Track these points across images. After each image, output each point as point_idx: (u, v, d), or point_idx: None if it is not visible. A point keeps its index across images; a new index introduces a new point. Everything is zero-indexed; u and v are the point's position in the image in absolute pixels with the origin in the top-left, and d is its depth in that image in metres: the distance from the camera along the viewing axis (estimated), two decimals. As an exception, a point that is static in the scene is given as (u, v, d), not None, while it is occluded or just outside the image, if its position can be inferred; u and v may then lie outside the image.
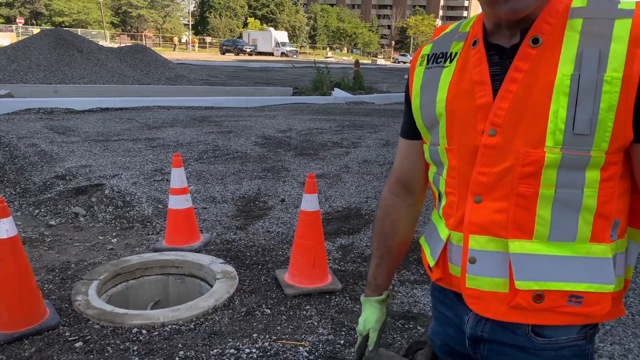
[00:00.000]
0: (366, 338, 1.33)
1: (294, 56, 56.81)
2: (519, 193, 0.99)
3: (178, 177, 3.88)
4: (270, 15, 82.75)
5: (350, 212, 4.86)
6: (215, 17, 76.36)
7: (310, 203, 3.24)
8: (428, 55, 1.15)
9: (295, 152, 7.34)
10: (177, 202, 3.86)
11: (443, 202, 1.14)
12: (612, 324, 3.04)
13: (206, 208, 4.83)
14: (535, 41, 0.96)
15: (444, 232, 1.14)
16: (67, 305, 2.98)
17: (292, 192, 5.39)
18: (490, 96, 1.00)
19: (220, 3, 78.09)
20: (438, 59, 1.12)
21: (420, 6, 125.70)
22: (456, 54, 1.09)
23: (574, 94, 0.92)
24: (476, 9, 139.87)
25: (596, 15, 0.94)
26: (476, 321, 1.12)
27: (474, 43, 1.05)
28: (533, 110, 0.95)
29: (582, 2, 0.97)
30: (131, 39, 55.25)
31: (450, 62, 1.09)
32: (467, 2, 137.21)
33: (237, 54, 52.43)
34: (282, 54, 56.94)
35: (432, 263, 1.18)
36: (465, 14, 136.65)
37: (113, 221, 4.45)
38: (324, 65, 17.09)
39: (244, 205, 4.96)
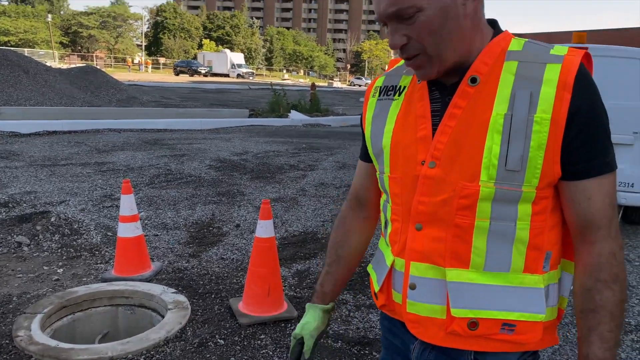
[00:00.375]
0: (301, 343, 1.30)
1: (251, 78, 56.84)
2: (456, 224, 1.04)
3: (128, 204, 3.76)
4: (226, 37, 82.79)
5: (307, 236, 4.83)
6: (169, 38, 75.75)
7: (264, 229, 3.20)
8: (380, 87, 1.21)
9: (251, 175, 7.28)
10: (127, 230, 3.74)
11: (389, 229, 1.19)
12: (560, 344, 3.11)
13: (157, 235, 4.70)
14: (474, 80, 1.02)
15: (389, 258, 1.17)
16: (7, 341, 2.81)
17: (247, 217, 5.32)
18: (430, 130, 1.06)
19: (174, 24, 77.61)
20: (389, 91, 1.18)
21: (374, 31, 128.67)
22: (404, 87, 1.15)
23: (507, 132, 0.98)
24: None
25: (530, 60, 1.01)
26: (422, 349, 1.15)
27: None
28: (469, 145, 1.01)
29: (518, 45, 1.04)
30: (81, 60, 54.07)
31: (399, 95, 1.15)
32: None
33: (192, 75, 52.01)
34: (238, 75, 56.86)
35: (377, 289, 1.22)
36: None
37: (59, 250, 4.26)
38: (281, 87, 17.18)
39: (197, 231, 4.86)
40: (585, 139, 0.97)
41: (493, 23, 1.09)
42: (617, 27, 45.09)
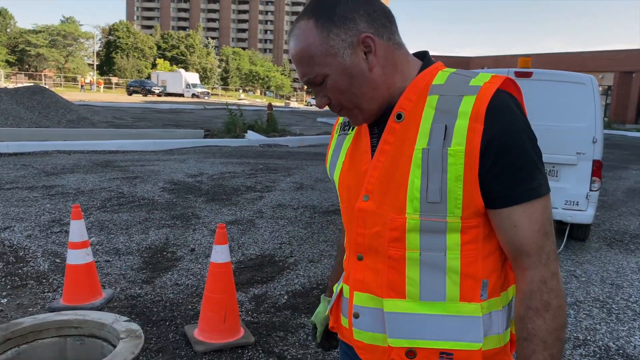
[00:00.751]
0: (315, 328, 1.44)
1: (206, 98, 56.36)
2: (389, 255, 1.07)
3: (78, 229, 3.64)
4: (181, 57, 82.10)
5: (264, 259, 4.79)
6: (122, 58, 74.46)
7: (220, 254, 3.15)
8: (342, 123, 1.27)
9: (206, 197, 7.18)
10: (77, 257, 3.61)
11: (344, 256, 1.25)
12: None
13: (109, 261, 4.55)
14: (399, 117, 1.06)
15: (340, 283, 1.24)
16: (-58, 381, 2.64)
17: (202, 241, 5.23)
18: (369, 164, 1.11)
19: (127, 44, 76.41)
20: (345, 127, 1.24)
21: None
22: None
23: (425, 166, 1.01)
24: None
25: (449, 93, 1.03)
26: None
27: None
28: (397, 179, 1.05)
29: (442, 78, 1.07)
30: (29, 79, 52.33)
31: (352, 130, 1.21)
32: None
33: (145, 95, 51.15)
34: (193, 95, 56.30)
35: (328, 309, 1.31)
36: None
37: (3, 279, 4.06)
38: (237, 107, 17.10)
39: (151, 256, 4.73)
40: (503, 167, 0.97)
41: (424, 55, 1.13)
42: (560, 52, 47.35)
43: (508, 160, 0.97)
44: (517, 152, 0.98)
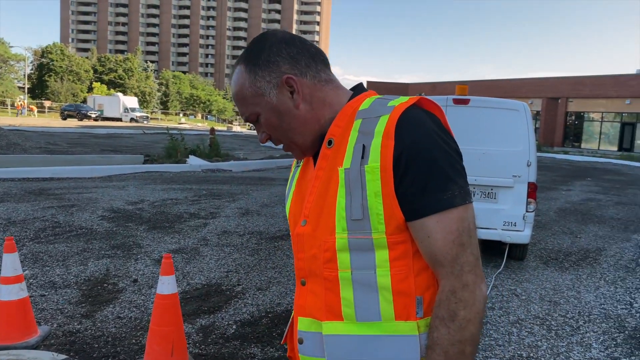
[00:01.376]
0: None
1: (145, 122, 55.09)
2: (325, 277, 1.10)
3: (11, 263, 3.42)
4: (119, 81, 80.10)
5: (211, 289, 4.67)
6: (55, 81, 71.77)
7: (167, 285, 3.05)
8: None
9: (148, 225, 6.96)
10: (10, 293, 3.39)
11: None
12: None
13: (45, 295, 4.30)
14: (330, 143, 1.12)
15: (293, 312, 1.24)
16: None
17: (145, 271, 5.05)
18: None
19: (61, 67, 73.83)
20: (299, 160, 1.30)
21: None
22: None
23: (348, 185, 1.05)
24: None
25: (370, 115, 1.09)
26: None
27: None
28: (328, 202, 1.09)
29: (367, 104, 1.13)
30: (-47, 102, 49.37)
31: (302, 162, 1.28)
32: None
33: (81, 120, 49.43)
34: (132, 119, 54.89)
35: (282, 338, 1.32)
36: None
37: None
38: (178, 132, 16.76)
39: (90, 289, 4.52)
40: (413, 178, 1.00)
41: (357, 86, 1.21)
42: (492, 79, 49.84)
43: (419, 171, 1.00)
44: (428, 162, 1.00)
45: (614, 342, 3.95)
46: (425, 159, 1.00)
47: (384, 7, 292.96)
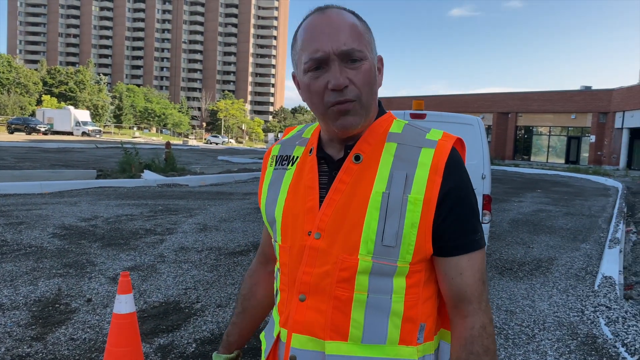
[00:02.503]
0: None
1: (97, 136, 53.63)
2: (336, 296, 1.06)
3: (-46, 285, 3.24)
4: (70, 94, 77.81)
5: (169, 306, 4.55)
6: (2, 94, 69.04)
7: (124, 305, 2.95)
8: (276, 156, 1.25)
9: (102, 242, 6.74)
10: (-48, 317, 3.19)
11: (278, 299, 1.20)
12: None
13: (-9, 318, 4.08)
14: (357, 158, 1.09)
15: (276, 329, 1.17)
16: None
17: (100, 290, 4.87)
18: (317, 201, 1.10)
19: (8, 79, 71.16)
20: (283, 161, 1.23)
21: (229, 91, 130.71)
22: (297, 158, 1.20)
23: (384, 210, 1.04)
24: (281, 98, 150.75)
25: (407, 142, 1.09)
26: None
27: (310, 151, 1.17)
28: (351, 219, 1.05)
29: (398, 128, 1.13)
30: None
31: (292, 165, 1.20)
32: (273, 89, 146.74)
33: (29, 134, 47.62)
34: (84, 133, 53.33)
35: (263, 358, 1.22)
36: (272, 99, 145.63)
37: None
38: (132, 146, 16.38)
39: (41, 310, 4.32)
40: (455, 218, 1.05)
41: (378, 103, 1.19)
42: (445, 94, 51.18)
43: (461, 212, 1.05)
44: (468, 206, 1.07)
45: (568, 349, 4.07)
46: (467, 203, 1.06)
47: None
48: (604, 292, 5.41)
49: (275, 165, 1.23)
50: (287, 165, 1.20)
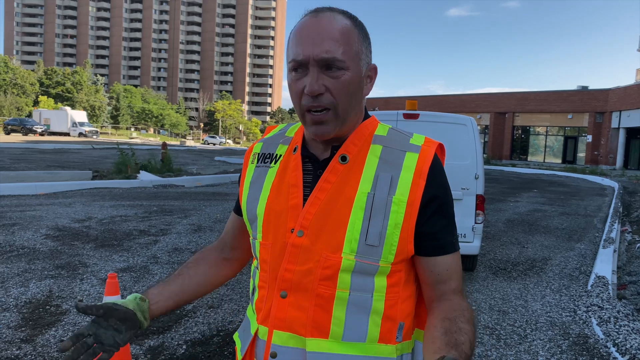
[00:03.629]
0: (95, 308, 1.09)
1: (94, 137, 53.52)
2: (318, 293, 1.07)
3: (-59, 288, 3.22)
4: (67, 94, 77.70)
5: (160, 307, 4.53)
6: (-2, 94, 68.90)
7: (112, 306, 2.93)
8: (258, 154, 1.25)
9: (95, 244, 6.72)
10: (-60, 319, 3.17)
11: (256, 296, 1.19)
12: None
13: (-19, 320, 4.06)
14: (344, 159, 1.11)
15: (254, 326, 1.17)
16: None
17: (91, 292, 4.85)
18: (300, 199, 1.11)
19: (5, 79, 71.04)
20: (266, 159, 1.23)
21: (227, 91, 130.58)
22: (280, 156, 1.21)
23: (369, 210, 1.06)
24: (279, 98, 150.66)
25: (392, 146, 1.13)
26: None
27: (295, 149, 1.18)
28: (335, 218, 1.07)
29: (383, 131, 1.17)
30: None
31: (275, 163, 1.20)
32: (270, 90, 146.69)
33: (26, 134, 47.52)
34: (81, 134, 53.24)
35: (240, 357, 1.21)
36: (269, 100, 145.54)
37: None
38: (129, 147, 16.35)
39: (31, 312, 4.30)
40: (439, 221, 1.10)
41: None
42: (442, 94, 51.27)
43: (444, 215, 1.11)
44: (449, 209, 1.12)
45: (559, 349, 4.07)
46: (448, 206, 1.12)
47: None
48: (597, 292, 5.41)
49: (257, 162, 1.23)
50: (270, 163, 1.20)
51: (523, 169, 33.12)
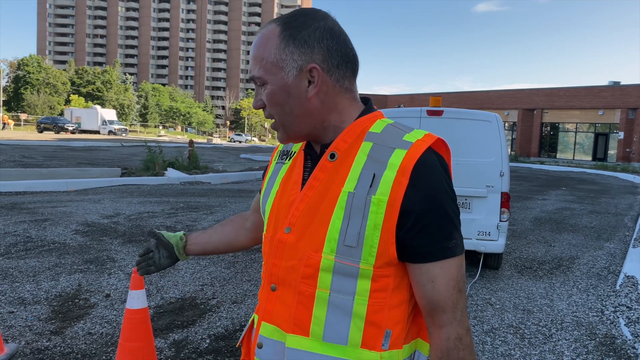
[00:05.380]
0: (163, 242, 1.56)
1: (124, 135, 54.56)
2: (300, 291, 1.08)
3: (-24, 280, 3.34)
4: (97, 93, 79.35)
5: (185, 302, 4.62)
6: (32, 94, 70.75)
7: (136, 300, 3.01)
8: (281, 151, 1.29)
9: (122, 239, 6.86)
10: (-26, 311, 3.30)
11: (261, 286, 1.23)
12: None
13: (13, 312, 4.20)
14: (332, 156, 1.09)
15: (254, 313, 1.24)
16: None
17: (118, 286, 4.97)
18: (297, 196, 1.12)
19: (38, 79, 72.91)
20: (283, 155, 1.26)
21: (252, 89, 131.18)
22: (294, 153, 1.23)
23: (348, 209, 1.02)
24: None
25: (383, 143, 1.06)
26: None
27: (305, 147, 1.19)
28: (320, 217, 1.06)
29: (378, 128, 1.10)
30: None
31: (289, 160, 1.22)
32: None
33: (58, 132, 48.73)
34: (110, 132, 54.36)
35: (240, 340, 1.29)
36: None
37: None
38: (157, 144, 16.60)
39: (61, 305, 4.43)
40: (424, 224, 1.00)
41: (367, 101, 1.17)
42: (469, 90, 50.59)
43: (429, 218, 1.01)
44: (439, 211, 1.01)
45: (585, 350, 4.00)
46: (437, 208, 1.01)
47: (363, 20, 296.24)
48: (626, 292, 5.30)
49: (278, 159, 1.26)
50: (285, 159, 1.23)
51: (551, 166, 32.48)
